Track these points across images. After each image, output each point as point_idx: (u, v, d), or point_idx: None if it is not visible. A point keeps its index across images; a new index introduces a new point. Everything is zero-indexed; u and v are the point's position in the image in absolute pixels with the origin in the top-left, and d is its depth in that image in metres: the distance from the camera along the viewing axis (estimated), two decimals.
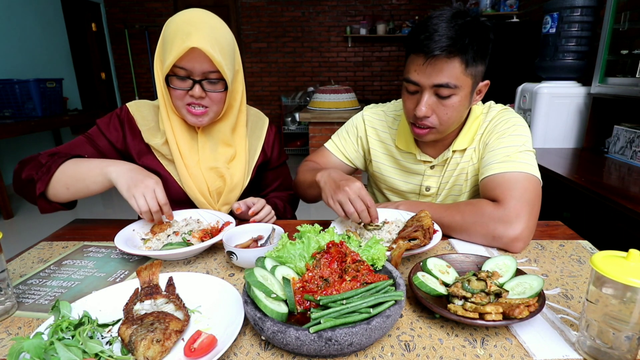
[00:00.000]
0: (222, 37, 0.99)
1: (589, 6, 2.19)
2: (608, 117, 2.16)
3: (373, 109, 1.24)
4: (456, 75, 0.90)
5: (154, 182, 0.91)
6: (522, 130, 1.03)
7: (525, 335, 0.63)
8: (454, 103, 0.93)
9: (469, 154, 1.08)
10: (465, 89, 0.93)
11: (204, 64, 0.96)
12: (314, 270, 0.67)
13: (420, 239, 0.81)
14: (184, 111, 1.03)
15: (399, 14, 5.82)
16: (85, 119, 4.40)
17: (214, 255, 0.92)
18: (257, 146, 1.23)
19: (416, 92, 0.95)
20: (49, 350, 0.54)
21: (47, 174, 0.94)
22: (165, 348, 0.57)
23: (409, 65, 0.94)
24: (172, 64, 0.95)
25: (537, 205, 0.94)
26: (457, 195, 1.15)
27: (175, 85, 0.99)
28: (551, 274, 0.83)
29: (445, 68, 0.89)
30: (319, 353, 0.56)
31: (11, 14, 4.22)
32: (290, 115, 5.83)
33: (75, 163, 0.97)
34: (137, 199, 0.88)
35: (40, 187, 0.94)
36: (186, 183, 1.10)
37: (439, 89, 0.91)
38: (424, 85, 0.92)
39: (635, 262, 0.53)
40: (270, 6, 5.80)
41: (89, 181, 0.94)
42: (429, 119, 0.96)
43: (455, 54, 0.87)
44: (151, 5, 5.84)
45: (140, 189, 0.89)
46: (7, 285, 0.70)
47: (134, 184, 0.89)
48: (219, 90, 1.02)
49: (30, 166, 0.97)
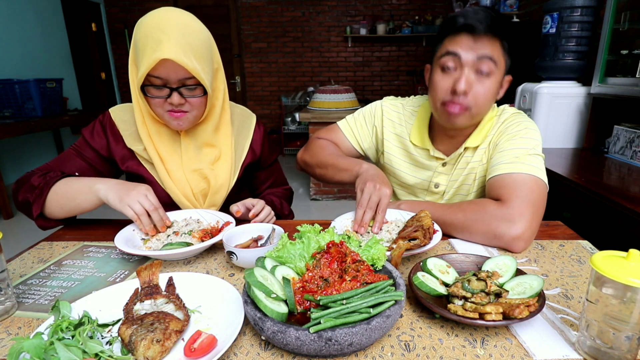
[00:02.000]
0: (196, 40, 0.95)
1: (589, 6, 2.19)
2: (608, 117, 2.15)
3: (392, 100, 1.25)
4: (497, 53, 0.95)
5: (144, 188, 0.92)
6: (534, 134, 1.04)
7: (525, 335, 0.63)
8: (490, 83, 0.96)
9: (480, 154, 1.09)
10: (500, 71, 0.97)
11: (179, 72, 0.93)
12: (314, 270, 0.67)
13: (420, 239, 0.81)
14: (166, 117, 1.01)
15: (399, 14, 5.81)
16: (85, 119, 4.40)
17: (214, 255, 0.92)
18: (245, 145, 1.21)
19: (453, 70, 0.97)
20: (49, 350, 0.54)
21: (40, 197, 0.95)
22: (165, 348, 0.57)
23: (447, 45, 0.97)
24: (144, 74, 0.92)
25: (541, 207, 0.93)
26: (464, 195, 1.15)
27: (152, 94, 0.97)
28: (551, 274, 0.83)
29: (490, 44, 0.94)
30: (319, 353, 0.56)
31: (11, 14, 4.22)
32: (290, 115, 5.83)
33: (66, 183, 0.97)
34: (132, 206, 0.89)
35: (35, 210, 0.96)
36: (169, 187, 1.09)
37: (481, 63, 0.94)
38: (467, 60, 0.95)
39: (635, 262, 0.53)
40: (270, 6, 5.79)
41: (79, 200, 0.95)
42: (466, 97, 0.97)
43: (497, 35, 0.93)
44: (151, 6, 5.82)
45: (133, 197, 0.89)
46: (7, 285, 0.70)
47: (125, 193, 0.90)
48: (198, 95, 1.00)
49: (24, 189, 0.99)
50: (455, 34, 0.95)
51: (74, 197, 0.95)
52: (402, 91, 6.11)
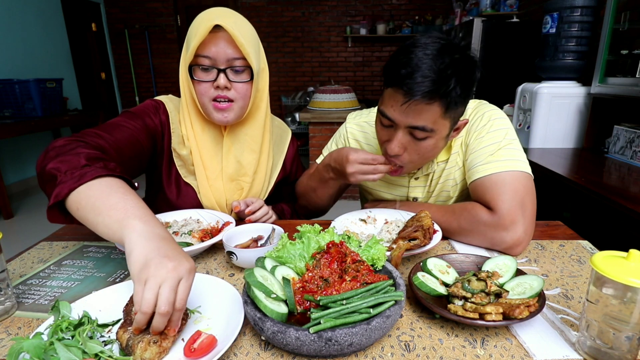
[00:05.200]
0: (247, 28, 0.98)
1: (589, 6, 2.19)
2: (608, 117, 2.15)
3: (356, 119, 1.20)
4: (434, 120, 0.84)
5: (185, 270, 0.58)
6: (500, 123, 1.00)
7: (525, 335, 0.63)
8: (427, 145, 0.89)
9: (453, 159, 1.05)
10: (442, 132, 0.88)
11: (227, 49, 0.95)
12: (314, 270, 0.67)
13: (420, 239, 0.81)
14: (210, 107, 1.00)
15: (399, 14, 5.82)
16: (85, 119, 4.40)
17: (214, 255, 0.92)
18: (279, 161, 1.20)
19: (390, 127, 0.90)
20: (48, 351, 0.54)
21: (76, 181, 0.69)
22: (163, 349, 0.57)
23: (386, 97, 0.88)
24: (196, 47, 0.94)
25: (531, 203, 0.91)
26: (444, 201, 1.12)
27: (200, 77, 0.98)
28: (551, 274, 0.83)
29: (424, 111, 0.82)
30: (319, 353, 0.56)
31: (11, 14, 4.22)
32: (290, 115, 5.82)
33: (109, 186, 0.70)
34: (146, 291, 0.54)
35: (58, 193, 0.69)
36: (205, 195, 1.08)
37: (414, 130, 0.86)
38: (400, 124, 0.86)
39: (635, 262, 0.53)
40: (270, 6, 5.80)
41: (101, 218, 0.65)
42: (400, 157, 0.91)
43: (436, 99, 0.80)
44: (151, 5, 5.84)
45: (161, 275, 0.55)
46: (7, 285, 0.70)
47: (157, 261, 0.56)
48: (245, 80, 0.99)
49: (61, 158, 0.74)
50: (393, 88, 0.84)
51: (100, 211, 0.66)
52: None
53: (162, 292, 0.54)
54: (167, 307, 0.54)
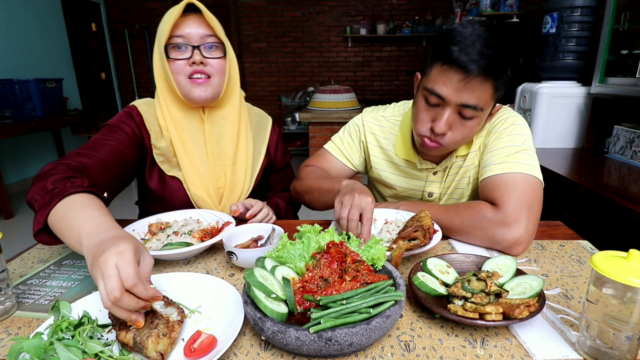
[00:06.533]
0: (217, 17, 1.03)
1: (589, 6, 2.19)
2: (608, 117, 2.15)
3: (372, 113, 1.20)
4: (485, 99, 0.86)
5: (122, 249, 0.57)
6: (521, 129, 1.02)
7: (525, 335, 0.63)
8: (473, 125, 0.91)
9: (471, 158, 1.07)
10: (486, 112, 0.91)
11: (199, 28, 1.00)
12: (314, 270, 0.67)
13: (420, 239, 0.81)
14: (187, 84, 1.01)
15: (399, 14, 5.81)
16: (85, 119, 4.41)
17: (214, 255, 0.92)
18: (262, 148, 1.22)
19: (436, 105, 0.90)
20: (48, 351, 0.54)
21: (47, 207, 0.73)
22: (172, 340, 0.58)
23: (436, 76, 0.88)
24: (169, 29, 0.98)
25: (537, 206, 0.92)
26: (457, 199, 1.14)
27: (174, 56, 1.01)
28: (551, 274, 0.83)
29: (477, 90, 0.84)
30: (319, 353, 0.56)
31: (11, 14, 4.22)
32: (290, 115, 5.83)
33: (69, 206, 0.72)
34: (104, 285, 0.54)
35: (38, 221, 0.73)
36: (191, 182, 1.09)
37: (463, 109, 0.87)
38: (450, 102, 0.87)
39: (635, 262, 0.53)
40: (270, 6, 5.80)
41: (68, 240, 0.69)
42: (444, 137, 0.92)
43: (490, 78, 0.83)
44: (151, 5, 5.84)
45: (107, 263, 0.55)
46: (7, 285, 0.70)
47: (98, 255, 0.57)
48: (219, 56, 1.03)
49: (37, 187, 0.78)
50: (447, 65, 0.85)
51: (64, 234, 0.70)
52: (402, 91, 6.11)
53: (121, 272, 0.55)
54: (132, 280, 0.55)
